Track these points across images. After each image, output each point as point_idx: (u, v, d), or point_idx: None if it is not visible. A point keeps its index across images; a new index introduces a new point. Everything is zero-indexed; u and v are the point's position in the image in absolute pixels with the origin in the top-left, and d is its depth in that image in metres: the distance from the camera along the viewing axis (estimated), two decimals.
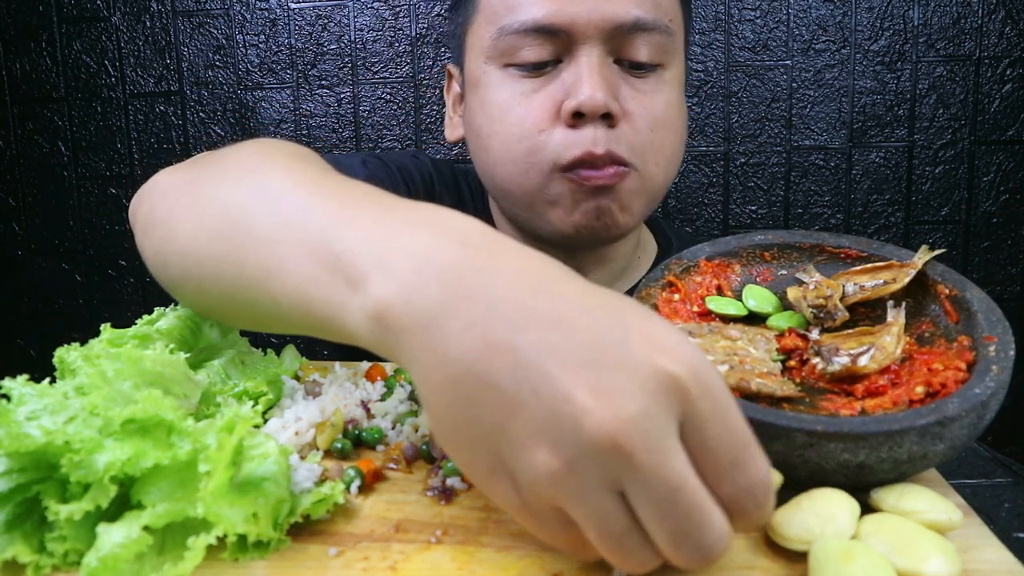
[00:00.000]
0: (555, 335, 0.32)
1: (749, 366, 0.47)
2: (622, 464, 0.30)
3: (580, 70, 0.71)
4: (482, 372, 0.32)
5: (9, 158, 1.80)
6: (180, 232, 0.51)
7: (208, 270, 0.49)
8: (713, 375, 0.32)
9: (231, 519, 0.37)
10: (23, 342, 1.89)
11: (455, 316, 0.33)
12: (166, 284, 0.56)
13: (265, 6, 1.71)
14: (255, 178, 0.48)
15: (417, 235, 0.37)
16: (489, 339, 0.32)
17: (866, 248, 0.57)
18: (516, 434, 0.32)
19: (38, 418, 0.41)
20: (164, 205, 0.55)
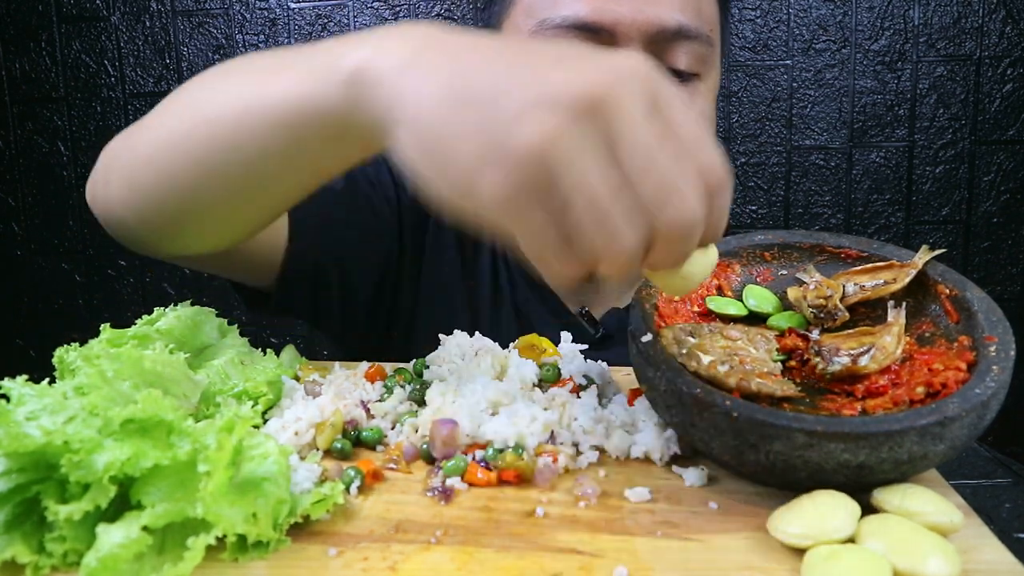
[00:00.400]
0: (526, 54, 0.38)
1: (749, 366, 0.47)
2: (611, 113, 0.34)
3: None
4: (462, 84, 0.37)
5: (9, 158, 1.80)
6: (142, 143, 0.54)
7: (180, 155, 0.51)
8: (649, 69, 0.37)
9: (231, 519, 0.37)
10: (23, 342, 1.89)
11: (428, 56, 0.39)
12: (139, 208, 0.55)
13: (265, 6, 1.71)
14: (214, 78, 0.52)
15: (379, 33, 0.42)
16: (464, 62, 0.38)
17: (866, 248, 0.57)
18: (504, 117, 0.35)
19: (37, 418, 0.41)
20: (120, 142, 0.57)
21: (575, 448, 0.51)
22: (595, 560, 0.39)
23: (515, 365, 0.57)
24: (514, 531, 0.42)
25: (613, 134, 0.35)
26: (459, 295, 0.88)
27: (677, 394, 0.45)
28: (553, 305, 0.88)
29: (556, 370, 0.58)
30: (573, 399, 0.54)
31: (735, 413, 0.42)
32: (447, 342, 0.63)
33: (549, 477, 0.47)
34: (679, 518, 0.43)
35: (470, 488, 0.47)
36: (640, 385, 0.51)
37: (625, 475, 0.48)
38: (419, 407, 0.55)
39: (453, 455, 0.48)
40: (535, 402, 0.53)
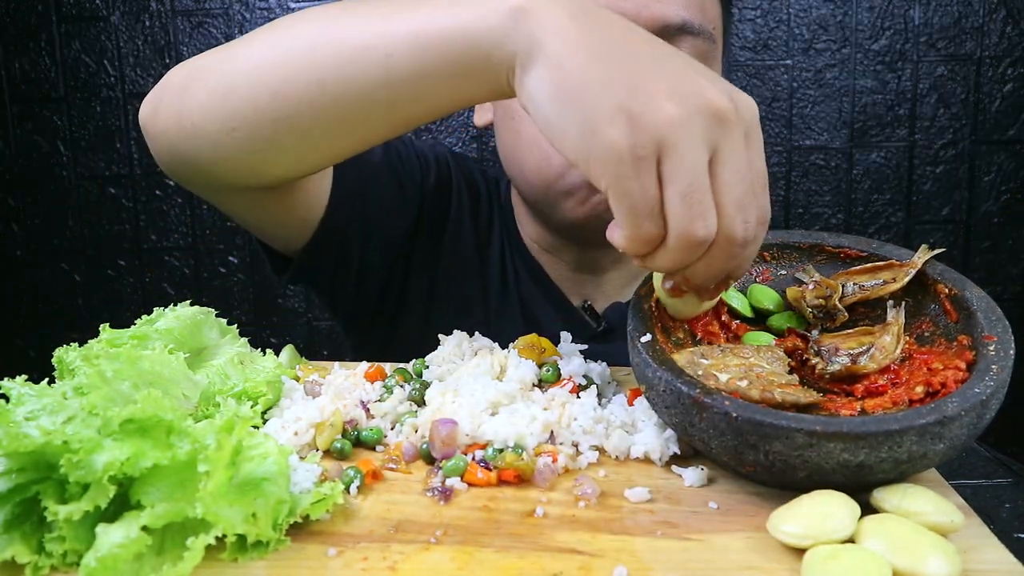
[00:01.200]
0: (662, 46, 0.46)
1: (768, 379, 0.47)
2: (724, 132, 0.42)
3: None
4: (621, 51, 0.43)
5: (8, 158, 1.80)
6: (251, 55, 0.54)
7: (296, 64, 0.52)
8: None
9: (230, 519, 0.37)
10: (22, 342, 1.89)
11: (590, 19, 0.44)
12: (226, 118, 0.55)
13: (265, 6, 1.71)
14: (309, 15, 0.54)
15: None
16: (621, 37, 0.45)
17: (866, 248, 0.57)
18: (648, 92, 0.41)
19: (37, 418, 0.41)
20: (213, 56, 0.57)
21: (575, 448, 0.51)
22: (595, 560, 0.39)
23: (515, 365, 0.57)
24: (514, 531, 0.42)
25: (722, 145, 0.42)
26: (475, 284, 0.89)
27: (677, 394, 0.45)
28: (556, 298, 0.88)
29: (556, 370, 0.58)
30: (573, 399, 0.54)
31: (735, 413, 0.42)
32: (447, 342, 0.63)
33: (549, 477, 0.47)
34: (679, 518, 0.43)
35: (470, 488, 0.47)
36: (640, 385, 0.51)
37: (625, 475, 0.48)
38: (419, 407, 0.55)
39: (453, 455, 0.48)
40: (535, 402, 0.53)
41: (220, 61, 0.57)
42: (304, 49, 0.52)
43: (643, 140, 0.41)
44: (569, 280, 0.89)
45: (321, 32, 0.52)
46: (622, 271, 0.88)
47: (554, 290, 0.89)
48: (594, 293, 0.89)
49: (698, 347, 0.51)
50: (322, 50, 0.51)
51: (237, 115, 0.55)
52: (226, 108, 0.55)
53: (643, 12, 0.71)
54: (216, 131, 0.56)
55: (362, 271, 0.85)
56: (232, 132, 0.55)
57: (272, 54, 0.54)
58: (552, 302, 0.88)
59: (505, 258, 0.91)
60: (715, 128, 0.42)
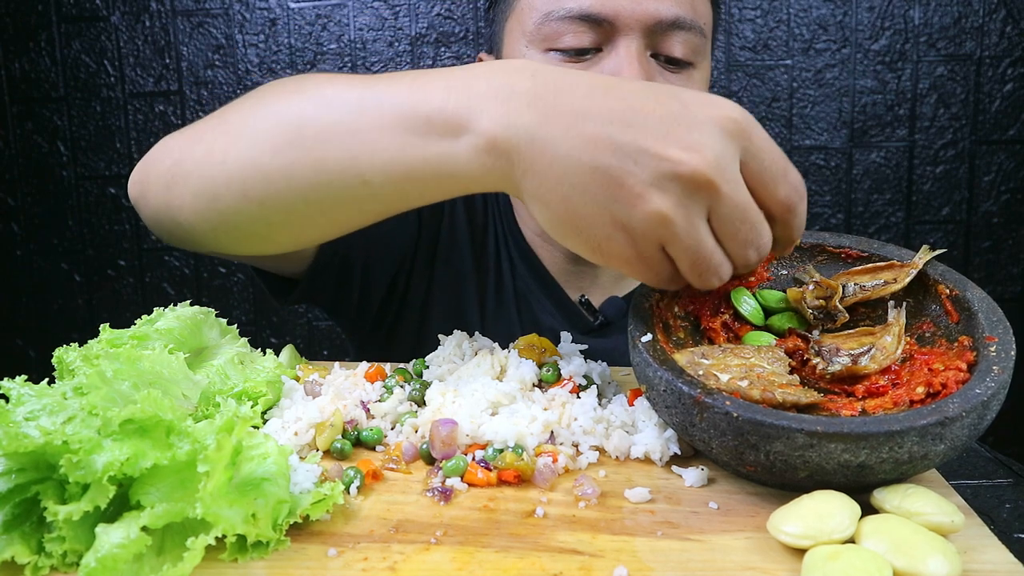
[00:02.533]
0: (636, 119, 0.43)
1: (768, 379, 0.47)
2: (711, 195, 0.43)
3: (621, 58, 0.74)
4: (589, 160, 0.43)
5: (8, 158, 1.80)
6: (230, 159, 0.54)
7: (277, 181, 0.53)
8: (751, 116, 0.45)
9: (230, 519, 0.37)
10: (22, 342, 1.89)
11: (553, 126, 0.44)
12: (214, 220, 0.57)
13: (265, 6, 1.71)
14: (300, 94, 0.54)
15: (491, 78, 0.47)
16: (587, 135, 0.43)
17: (867, 248, 0.57)
18: (628, 196, 0.43)
19: (37, 418, 0.41)
20: (194, 150, 0.57)
21: (575, 448, 0.51)
22: (595, 560, 0.39)
23: (515, 365, 0.57)
24: (514, 531, 0.42)
25: (713, 204, 0.44)
26: (472, 283, 0.90)
27: (677, 394, 0.45)
28: (554, 293, 0.89)
29: (556, 370, 0.58)
30: (573, 399, 0.54)
31: (735, 413, 0.42)
32: (447, 342, 0.63)
33: (549, 477, 0.47)
34: (679, 518, 0.43)
35: (470, 488, 0.47)
36: (640, 385, 0.51)
37: (625, 475, 0.48)
38: (419, 407, 0.55)
39: (453, 455, 0.48)
40: (535, 402, 0.53)
41: (201, 161, 0.57)
42: (284, 166, 0.52)
43: (644, 246, 0.45)
44: (566, 273, 0.90)
45: (299, 144, 0.52)
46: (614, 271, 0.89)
47: (552, 285, 0.89)
48: (591, 287, 0.90)
49: (699, 347, 0.51)
50: (300, 167, 0.52)
51: (226, 220, 0.57)
52: (214, 212, 0.56)
53: (637, 9, 0.73)
54: (207, 231, 0.58)
55: (365, 287, 0.86)
56: (223, 232, 0.58)
57: (252, 161, 0.53)
58: (550, 296, 0.89)
59: (501, 254, 0.92)
60: (702, 194, 0.43)
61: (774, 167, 0.45)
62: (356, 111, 0.50)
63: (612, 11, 0.73)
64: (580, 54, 0.76)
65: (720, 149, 0.43)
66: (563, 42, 0.76)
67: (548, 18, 0.76)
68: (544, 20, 0.76)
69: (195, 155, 0.57)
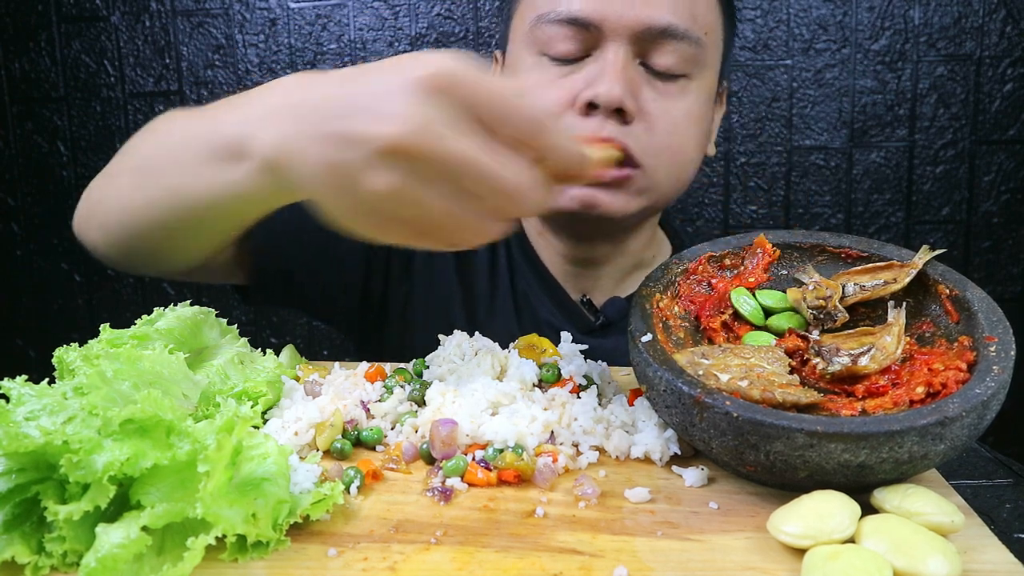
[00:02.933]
0: (344, 107, 0.43)
1: (768, 379, 0.47)
2: (417, 160, 0.41)
3: (604, 64, 0.73)
4: (326, 160, 0.43)
5: (8, 158, 1.80)
6: (113, 197, 0.65)
7: (142, 212, 0.62)
8: (465, 65, 0.43)
9: (230, 519, 0.37)
10: (22, 342, 1.89)
11: (302, 134, 0.45)
12: (115, 250, 0.68)
13: (265, 6, 1.71)
14: (153, 132, 0.64)
15: (269, 98, 0.50)
16: (321, 135, 0.44)
17: (867, 248, 0.57)
18: (358, 184, 0.42)
19: (37, 418, 0.41)
20: (96, 190, 0.69)
21: (575, 448, 0.51)
22: (595, 560, 0.39)
23: (515, 365, 0.57)
24: (514, 531, 0.42)
25: (430, 165, 0.42)
26: (455, 292, 0.90)
27: (677, 394, 0.45)
28: (555, 292, 0.89)
29: (556, 370, 0.58)
30: (573, 399, 0.54)
31: (735, 413, 0.42)
32: (447, 342, 0.63)
33: (549, 477, 0.47)
34: (679, 518, 0.43)
35: (470, 488, 0.47)
36: (640, 385, 0.51)
37: (625, 475, 0.48)
38: (419, 407, 0.55)
39: (453, 455, 0.48)
40: (535, 402, 0.53)
41: (97, 203, 0.68)
42: (143, 200, 0.61)
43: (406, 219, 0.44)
44: (567, 273, 0.90)
45: (150, 179, 0.61)
46: (618, 265, 0.89)
47: (553, 284, 0.89)
48: (592, 287, 0.90)
49: (699, 347, 0.51)
50: (154, 199, 0.60)
51: (124, 247, 0.67)
52: (114, 243, 0.68)
53: (626, 14, 0.72)
54: (115, 255, 0.70)
55: (328, 296, 0.88)
56: (128, 257, 0.69)
57: (122, 199, 0.64)
58: (551, 296, 0.89)
59: (499, 252, 0.91)
60: (412, 160, 0.41)
61: (494, 107, 0.42)
62: (180, 145, 0.57)
63: (600, 16, 0.73)
64: (568, 61, 0.76)
65: (419, 110, 0.41)
66: (553, 46, 0.76)
67: (540, 20, 0.76)
68: (537, 22, 0.76)
69: (97, 195, 0.69)
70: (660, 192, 0.79)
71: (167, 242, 0.64)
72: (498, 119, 0.43)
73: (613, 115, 0.73)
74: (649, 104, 0.75)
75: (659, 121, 0.75)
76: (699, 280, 0.58)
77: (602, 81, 0.72)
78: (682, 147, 0.78)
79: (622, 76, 0.72)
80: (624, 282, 0.91)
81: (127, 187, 0.63)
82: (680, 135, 0.77)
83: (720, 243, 0.60)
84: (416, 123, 0.41)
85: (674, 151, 0.77)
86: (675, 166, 0.78)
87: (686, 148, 0.78)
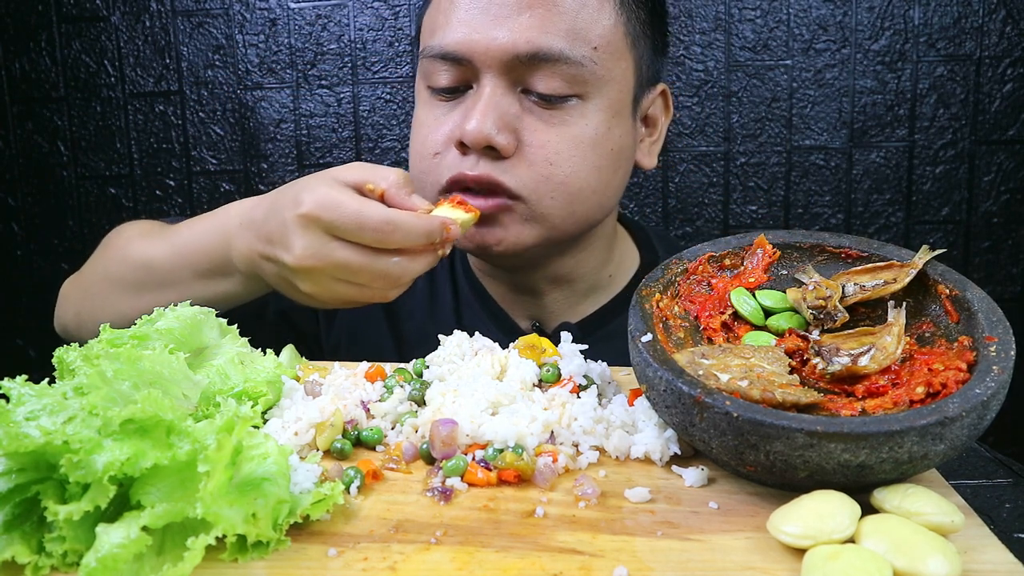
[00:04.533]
0: (264, 236, 0.65)
1: (768, 379, 0.47)
2: (312, 268, 0.62)
3: (476, 99, 0.73)
4: (269, 270, 0.67)
5: (8, 158, 1.80)
6: (107, 308, 0.80)
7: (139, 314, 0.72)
8: (330, 193, 0.61)
9: (231, 519, 0.37)
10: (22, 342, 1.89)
11: (256, 253, 0.67)
12: (90, 328, 0.80)
13: (265, 6, 1.71)
14: (120, 251, 0.83)
15: (238, 215, 0.70)
16: (260, 253, 0.66)
17: (867, 248, 0.57)
18: (289, 281, 0.65)
19: (37, 418, 0.41)
20: (80, 300, 0.88)
21: (575, 448, 0.51)
22: (595, 560, 0.39)
23: (515, 365, 0.57)
24: (514, 531, 0.42)
25: (320, 272, 0.63)
26: (384, 339, 0.91)
27: (677, 394, 0.45)
28: (503, 321, 0.88)
29: (556, 370, 0.57)
30: (573, 399, 0.54)
31: (736, 413, 0.42)
32: (447, 342, 0.63)
33: (549, 477, 0.47)
34: (679, 518, 0.43)
35: (470, 488, 0.47)
36: (640, 385, 0.51)
37: (625, 475, 0.48)
38: (419, 407, 0.55)
39: (453, 455, 0.48)
40: (535, 402, 0.53)
41: (83, 317, 0.85)
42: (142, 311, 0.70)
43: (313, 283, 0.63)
44: (514, 302, 0.89)
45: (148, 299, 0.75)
46: (564, 291, 0.87)
47: (500, 313, 0.89)
48: (541, 314, 0.88)
49: (699, 347, 0.51)
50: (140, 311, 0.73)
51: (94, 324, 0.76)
52: (88, 323, 0.83)
53: (491, 45, 0.71)
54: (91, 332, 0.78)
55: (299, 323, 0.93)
56: None
57: (127, 313, 0.77)
58: (499, 325, 0.88)
59: (438, 292, 0.92)
60: (307, 271, 0.62)
61: (349, 228, 0.59)
62: (170, 265, 0.75)
63: (468, 50, 0.72)
64: (451, 92, 0.76)
65: (301, 241, 0.61)
66: (436, 80, 0.76)
67: (423, 55, 0.77)
68: (422, 56, 0.78)
69: (79, 308, 0.87)
70: (552, 222, 0.76)
71: None
72: (354, 234, 0.59)
73: (486, 153, 0.72)
74: (530, 135, 0.73)
75: (541, 150, 0.73)
76: (699, 280, 0.58)
77: (470, 119, 0.71)
78: (569, 176, 0.74)
79: (491, 111, 0.71)
80: (580, 305, 0.89)
81: (124, 301, 0.78)
82: (564, 164, 0.74)
83: (720, 243, 0.60)
84: (300, 249, 0.61)
85: (558, 181, 0.74)
86: (563, 196, 0.74)
87: (576, 175, 0.74)
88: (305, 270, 0.61)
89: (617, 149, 0.78)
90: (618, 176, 0.80)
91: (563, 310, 0.88)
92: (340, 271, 0.61)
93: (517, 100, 0.74)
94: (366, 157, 1.73)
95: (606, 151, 0.76)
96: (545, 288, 0.86)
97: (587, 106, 0.75)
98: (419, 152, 0.79)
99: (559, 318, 0.88)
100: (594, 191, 0.77)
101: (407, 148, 1.73)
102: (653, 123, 0.86)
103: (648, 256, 0.94)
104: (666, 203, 1.71)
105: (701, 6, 1.63)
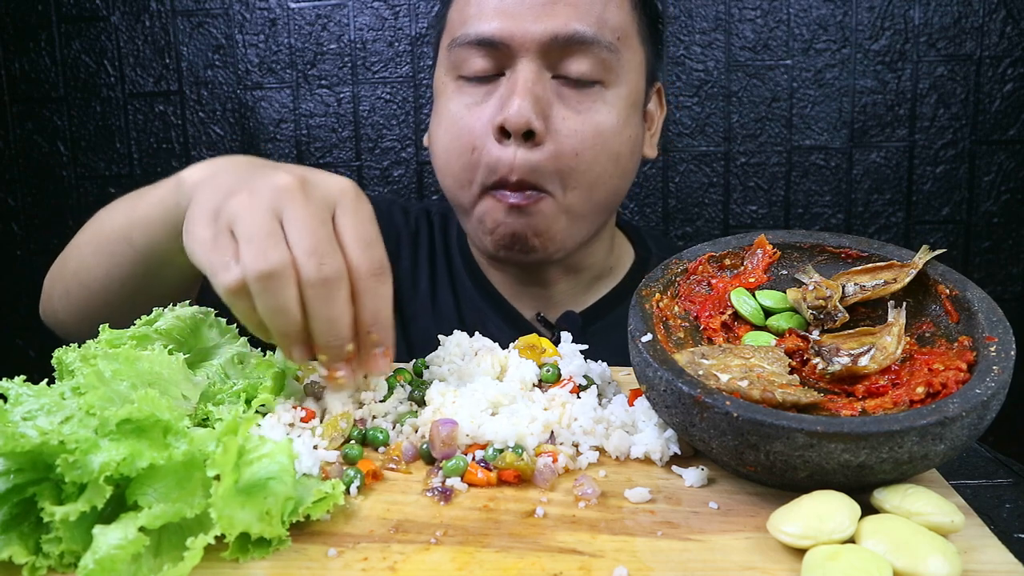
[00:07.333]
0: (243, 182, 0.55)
1: (768, 379, 0.47)
2: (291, 196, 0.51)
3: (514, 84, 0.74)
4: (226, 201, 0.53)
5: (8, 158, 1.80)
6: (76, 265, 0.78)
7: (93, 270, 0.74)
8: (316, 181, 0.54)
9: (244, 520, 0.37)
10: (22, 342, 1.89)
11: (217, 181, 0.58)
12: (77, 316, 0.79)
13: (265, 6, 1.71)
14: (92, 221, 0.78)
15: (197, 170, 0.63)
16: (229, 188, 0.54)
17: (867, 248, 0.57)
18: (237, 192, 0.52)
19: (34, 418, 0.41)
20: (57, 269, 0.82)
21: (575, 448, 0.51)
22: (595, 560, 0.39)
23: (515, 365, 0.57)
24: (514, 531, 0.42)
25: (286, 210, 0.51)
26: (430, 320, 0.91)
27: (677, 394, 0.45)
28: (507, 312, 0.89)
29: (556, 370, 0.57)
30: (573, 399, 0.54)
31: (735, 413, 0.42)
32: (447, 342, 0.63)
33: (549, 477, 0.47)
34: (679, 518, 0.43)
35: (470, 488, 0.46)
36: (640, 385, 0.51)
37: (625, 475, 0.48)
38: (419, 407, 0.55)
39: (453, 455, 0.48)
40: (535, 402, 0.53)
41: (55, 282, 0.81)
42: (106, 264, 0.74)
43: (220, 224, 0.51)
44: (519, 294, 0.90)
45: (103, 249, 0.74)
46: (571, 281, 0.89)
47: (504, 304, 0.90)
48: (546, 305, 0.90)
49: (699, 347, 0.51)
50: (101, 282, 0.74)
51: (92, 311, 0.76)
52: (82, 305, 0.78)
53: (531, 29, 0.73)
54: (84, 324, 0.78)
55: None
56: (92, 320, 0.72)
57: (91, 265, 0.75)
58: (504, 316, 0.89)
59: (437, 279, 0.92)
60: (278, 197, 0.50)
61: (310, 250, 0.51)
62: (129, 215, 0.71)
63: (507, 33, 0.74)
64: (484, 80, 0.77)
65: (325, 184, 0.54)
66: (468, 68, 0.77)
67: (454, 44, 0.78)
68: (452, 46, 0.78)
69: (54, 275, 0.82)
70: (581, 214, 0.80)
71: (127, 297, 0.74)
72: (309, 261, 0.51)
73: (524, 140, 0.74)
74: (559, 122, 0.76)
75: (569, 139, 0.76)
76: (699, 280, 0.58)
77: (511, 103, 0.73)
78: (599, 163, 0.78)
79: (530, 94, 0.73)
80: (584, 295, 0.91)
81: (89, 256, 0.75)
82: (595, 151, 0.77)
83: (720, 243, 0.60)
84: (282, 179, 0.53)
85: (588, 169, 0.77)
86: (588, 184, 0.78)
87: (604, 163, 0.78)
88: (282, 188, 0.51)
89: (633, 137, 0.82)
90: (632, 164, 0.84)
91: (568, 300, 0.90)
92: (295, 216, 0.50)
93: (549, 85, 0.76)
94: (366, 157, 1.73)
95: (624, 139, 0.80)
96: (555, 277, 0.88)
97: (608, 94, 0.78)
98: (454, 147, 0.79)
99: (564, 307, 0.89)
100: (611, 176, 0.80)
101: (407, 148, 1.73)
102: (651, 118, 0.90)
103: (639, 245, 0.96)
104: (666, 203, 1.71)
105: (701, 6, 1.63)
